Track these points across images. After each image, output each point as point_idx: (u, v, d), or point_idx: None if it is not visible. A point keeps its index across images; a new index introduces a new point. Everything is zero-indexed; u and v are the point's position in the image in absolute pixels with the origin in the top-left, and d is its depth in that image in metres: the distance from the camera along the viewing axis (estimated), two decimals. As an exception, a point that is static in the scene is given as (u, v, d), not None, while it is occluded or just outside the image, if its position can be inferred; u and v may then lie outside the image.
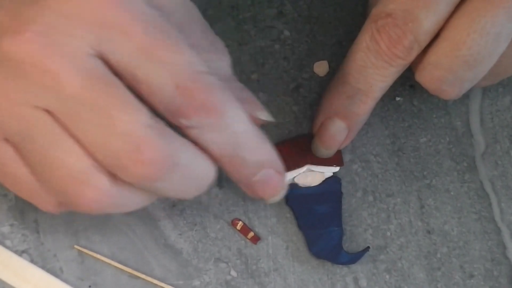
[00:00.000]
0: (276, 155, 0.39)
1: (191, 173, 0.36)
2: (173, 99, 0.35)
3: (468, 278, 0.45)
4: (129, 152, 0.34)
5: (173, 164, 0.35)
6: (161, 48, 0.34)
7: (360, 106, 0.41)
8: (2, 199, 0.44)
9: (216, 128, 0.36)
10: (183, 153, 0.35)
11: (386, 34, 0.38)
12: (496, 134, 0.47)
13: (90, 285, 0.43)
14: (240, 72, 0.47)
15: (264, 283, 0.44)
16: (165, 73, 0.34)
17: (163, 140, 0.34)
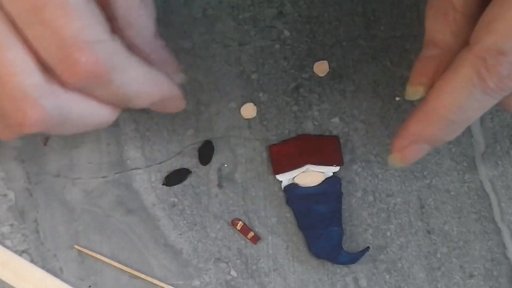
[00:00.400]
0: (168, 87, 0.40)
1: (79, 119, 0.38)
2: (56, 64, 0.36)
3: (468, 278, 0.45)
4: (16, 113, 0.36)
5: (62, 121, 0.37)
6: (49, 11, 0.34)
7: (452, 136, 0.40)
8: (2, 199, 0.44)
9: (104, 89, 0.37)
10: (72, 106, 0.37)
11: (497, 73, 0.37)
12: (496, 134, 0.47)
13: (90, 285, 0.43)
14: (240, 72, 0.47)
15: (264, 283, 0.44)
16: (50, 38, 0.35)
17: (51, 100, 0.36)
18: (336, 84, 0.47)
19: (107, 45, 0.36)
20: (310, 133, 0.46)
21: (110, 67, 0.36)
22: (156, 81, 0.39)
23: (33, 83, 0.36)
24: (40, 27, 0.35)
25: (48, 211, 0.44)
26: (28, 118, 0.36)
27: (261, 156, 0.46)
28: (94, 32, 0.35)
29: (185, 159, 0.45)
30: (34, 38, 0.35)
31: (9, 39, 0.35)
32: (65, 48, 0.35)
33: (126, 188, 0.45)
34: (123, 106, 0.39)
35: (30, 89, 0.36)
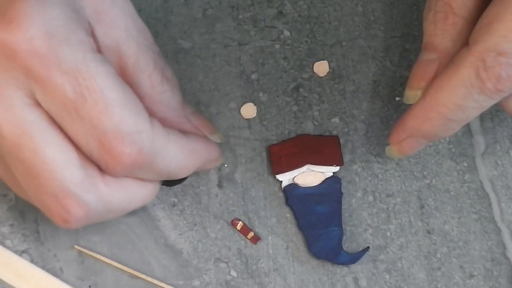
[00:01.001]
0: (207, 152, 0.41)
1: (122, 206, 0.39)
2: (100, 157, 0.36)
3: (468, 278, 0.45)
4: (58, 210, 0.36)
5: (104, 212, 0.38)
6: (88, 108, 0.35)
7: (450, 133, 0.40)
8: (2, 199, 0.44)
9: (147, 173, 0.38)
10: (113, 196, 0.38)
11: (496, 75, 0.37)
12: (496, 134, 0.47)
13: (90, 285, 0.43)
14: (240, 72, 0.47)
15: (264, 283, 0.44)
16: (91, 133, 0.35)
17: (92, 196, 0.37)
18: (336, 84, 0.47)
19: (148, 133, 0.36)
20: (310, 133, 0.46)
21: (153, 153, 0.37)
22: (195, 152, 0.40)
23: (73, 181, 0.36)
24: (79, 123, 0.35)
25: (48, 211, 0.44)
26: (73, 216, 0.36)
27: (261, 156, 0.46)
28: (134, 122, 0.36)
29: (185, 159, 0.45)
30: (74, 133, 0.35)
31: (49, 136, 0.35)
32: (107, 141, 0.35)
33: (126, 188, 0.45)
34: (166, 179, 0.40)
35: (72, 186, 0.36)
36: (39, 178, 0.35)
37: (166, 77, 0.39)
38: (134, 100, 0.36)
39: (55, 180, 0.35)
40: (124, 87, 0.36)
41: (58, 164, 0.35)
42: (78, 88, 0.34)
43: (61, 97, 0.34)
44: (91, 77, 0.34)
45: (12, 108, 0.34)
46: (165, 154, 0.38)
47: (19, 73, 0.34)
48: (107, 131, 0.35)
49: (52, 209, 0.36)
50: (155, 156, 0.37)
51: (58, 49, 0.34)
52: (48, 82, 0.34)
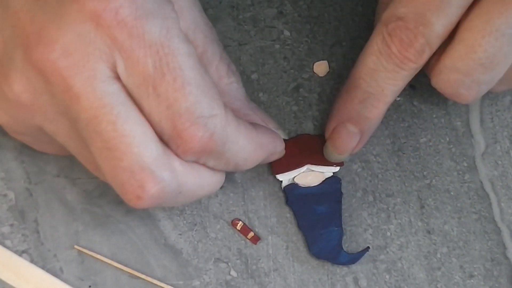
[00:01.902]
0: (273, 145, 0.41)
1: (193, 191, 0.38)
2: (171, 138, 0.36)
3: (468, 278, 0.45)
4: (134, 186, 0.35)
5: (177, 194, 0.37)
6: (165, 84, 0.34)
7: (372, 110, 0.41)
8: (2, 199, 0.44)
9: (216, 161, 0.38)
10: (187, 178, 0.37)
11: (398, 38, 0.38)
12: (496, 134, 0.47)
13: (90, 285, 0.43)
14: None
15: (264, 283, 0.44)
16: (165, 112, 0.35)
17: (168, 174, 0.36)
18: (336, 84, 0.47)
19: (220, 118, 0.36)
20: (310, 133, 0.46)
21: (223, 140, 0.36)
22: (263, 145, 0.40)
23: (151, 156, 0.35)
24: (156, 100, 0.34)
25: (48, 211, 0.44)
26: (147, 192, 0.35)
27: (261, 156, 0.46)
28: (208, 106, 0.35)
29: (185, 159, 0.45)
30: (149, 111, 0.35)
31: (127, 109, 0.35)
32: (180, 122, 0.35)
33: (126, 188, 0.45)
34: (231, 171, 0.40)
35: (149, 161, 0.35)
36: (116, 151, 0.34)
37: (231, 69, 0.40)
38: (211, 85, 0.36)
39: (132, 154, 0.35)
40: (203, 71, 0.35)
41: (136, 138, 0.35)
42: (159, 63, 0.34)
43: (142, 70, 0.34)
44: (173, 53, 0.34)
45: (93, 80, 0.34)
46: (235, 143, 0.37)
47: (103, 44, 0.34)
48: (182, 111, 0.35)
49: (126, 184, 0.35)
50: (225, 144, 0.37)
51: (144, 21, 0.34)
52: (130, 54, 0.34)
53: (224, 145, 0.37)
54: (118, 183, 0.36)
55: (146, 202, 0.36)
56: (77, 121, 0.35)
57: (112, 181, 0.36)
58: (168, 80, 0.34)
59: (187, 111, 0.35)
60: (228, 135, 0.37)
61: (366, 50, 0.40)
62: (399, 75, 0.39)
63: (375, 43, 0.40)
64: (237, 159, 0.38)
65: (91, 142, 0.35)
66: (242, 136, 0.38)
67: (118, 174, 0.35)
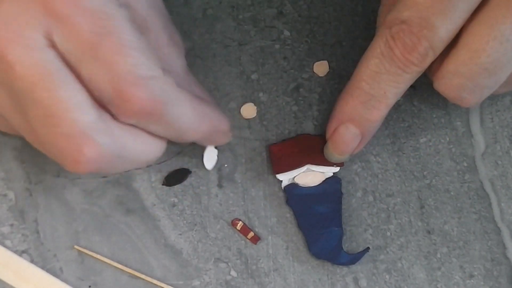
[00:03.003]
0: (217, 120, 0.41)
1: (132, 155, 0.38)
2: (112, 100, 0.36)
3: (468, 278, 0.45)
4: (71, 151, 0.35)
5: (116, 158, 0.37)
6: (104, 48, 0.35)
7: (373, 112, 0.41)
8: (2, 199, 0.44)
9: (157, 124, 0.37)
10: (126, 142, 0.37)
11: (401, 41, 0.38)
12: (496, 134, 0.47)
13: (90, 285, 0.43)
14: (240, 72, 0.47)
15: (264, 283, 0.44)
16: (105, 75, 0.35)
17: (106, 137, 0.36)
18: (336, 84, 0.47)
19: (160, 80, 0.36)
20: (310, 133, 0.46)
21: (163, 102, 0.36)
22: (206, 115, 0.39)
23: (88, 120, 0.35)
24: (95, 64, 0.35)
25: (48, 211, 0.44)
26: (84, 156, 0.36)
27: (261, 156, 0.46)
28: (148, 68, 0.35)
29: (185, 159, 0.45)
30: (89, 75, 0.35)
31: (63, 76, 0.35)
32: (120, 84, 0.35)
33: (126, 188, 0.45)
34: (173, 140, 0.40)
35: (85, 126, 0.35)
36: (53, 117, 0.35)
37: (173, 40, 0.39)
38: (149, 48, 0.36)
39: (69, 120, 0.35)
40: (140, 35, 0.36)
41: (73, 104, 0.35)
42: (96, 27, 0.34)
43: (79, 36, 0.34)
44: (110, 17, 0.34)
45: (29, 48, 0.34)
46: (176, 106, 0.37)
47: (38, 12, 0.34)
48: (121, 73, 0.35)
49: (64, 150, 0.35)
50: (166, 106, 0.37)
51: None
52: (67, 21, 0.34)
53: (165, 108, 0.37)
54: (56, 150, 0.36)
55: (84, 166, 0.36)
56: (13, 91, 0.35)
57: (51, 148, 0.36)
58: (107, 44, 0.34)
59: (127, 72, 0.35)
60: (168, 97, 0.36)
61: (369, 53, 0.40)
62: (401, 78, 0.39)
63: (378, 46, 0.39)
64: (179, 125, 0.38)
65: (28, 110, 0.35)
66: (183, 102, 0.38)
67: (56, 140, 0.35)
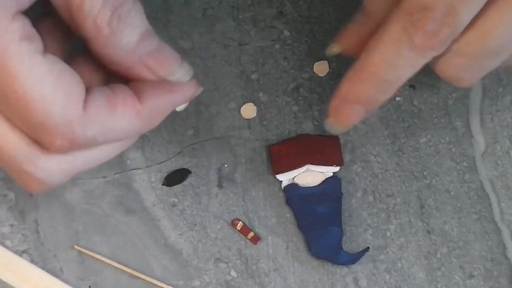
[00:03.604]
0: (177, 100, 0.39)
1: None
2: (38, 141, 0.36)
3: (468, 278, 0.45)
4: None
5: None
6: (12, 110, 0.34)
7: (385, 95, 0.40)
8: (2, 199, 0.44)
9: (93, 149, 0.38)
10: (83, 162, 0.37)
11: (422, 29, 0.37)
12: (496, 134, 0.47)
13: (90, 285, 0.43)
14: (240, 72, 0.47)
15: (264, 283, 0.44)
16: (23, 123, 0.35)
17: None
18: (336, 84, 0.47)
19: (78, 123, 0.35)
20: (310, 133, 0.46)
21: (91, 138, 0.36)
22: (156, 109, 0.38)
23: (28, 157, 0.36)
24: (12, 112, 0.35)
25: (48, 211, 0.44)
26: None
27: (261, 156, 0.46)
28: (60, 115, 0.34)
29: (185, 159, 0.45)
30: (11, 119, 0.35)
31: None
32: (37, 133, 0.35)
33: (126, 188, 0.45)
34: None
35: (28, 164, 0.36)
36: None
37: (117, 15, 0.36)
38: (64, 86, 0.34)
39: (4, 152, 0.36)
40: (52, 72, 0.34)
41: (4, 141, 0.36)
42: (0, 86, 0.33)
43: None
44: (11, 74, 0.33)
45: None
46: (111, 131, 0.36)
47: None
48: (34, 125, 0.34)
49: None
50: (96, 138, 0.36)
51: None
52: None
53: (96, 139, 0.36)
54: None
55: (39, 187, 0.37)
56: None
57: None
58: (13, 101, 0.34)
59: (39, 125, 0.34)
60: (93, 132, 0.36)
61: (384, 37, 0.38)
62: (419, 62, 0.38)
63: (396, 32, 0.37)
64: (125, 136, 0.37)
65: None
66: (121, 120, 0.36)
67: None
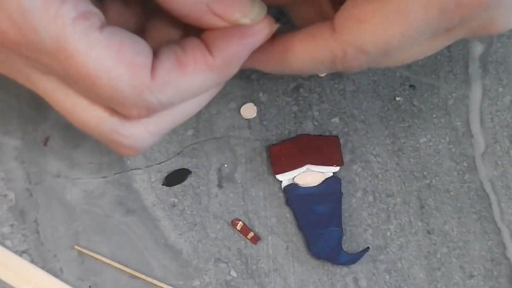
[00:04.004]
0: (252, 43, 0.37)
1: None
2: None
3: (468, 278, 0.45)
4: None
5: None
6: (83, 88, 0.34)
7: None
8: (2, 199, 0.44)
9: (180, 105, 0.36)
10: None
11: (351, 67, 0.36)
12: (496, 134, 0.47)
13: (90, 286, 0.43)
14: (240, 72, 0.47)
15: (264, 283, 0.44)
16: (97, 101, 0.35)
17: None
18: (336, 84, 0.47)
19: (149, 90, 0.34)
20: (310, 133, 0.46)
21: (167, 101, 0.35)
22: (231, 59, 0.36)
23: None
24: (84, 90, 0.35)
25: (48, 211, 0.44)
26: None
27: (261, 156, 0.46)
28: (129, 86, 0.34)
29: (185, 159, 0.45)
30: (87, 96, 0.35)
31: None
32: (113, 106, 0.35)
33: (126, 188, 0.45)
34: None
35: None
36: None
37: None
38: (126, 57, 0.34)
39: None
40: (112, 45, 0.33)
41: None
42: (63, 68, 0.33)
43: (57, 75, 0.34)
44: (71, 55, 0.33)
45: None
46: (186, 91, 0.35)
47: (14, 54, 0.34)
48: (107, 100, 0.34)
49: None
50: (172, 101, 0.35)
51: (30, 35, 0.32)
52: (42, 63, 0.33)
53: (173, 101, 0.35)
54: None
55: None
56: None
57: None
58: (80, 80, 0.34)
59: (111, 99, 0.34)
60: (169, 95, 0.35)
61: (308, 56, 0.37)
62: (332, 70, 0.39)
63: (322, 58, 0.36)
64: (202, 90, 0.36)
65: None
66: (193, 81, 0.35)
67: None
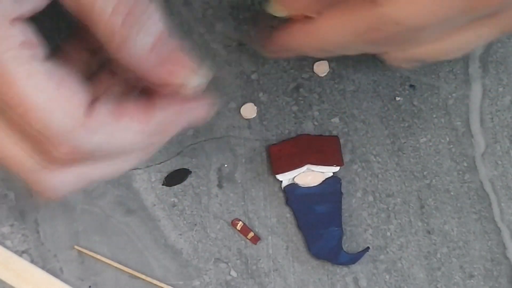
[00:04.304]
0: (187, 118, 0.37)
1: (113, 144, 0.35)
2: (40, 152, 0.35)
3: (468, 278, 0.45)
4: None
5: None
6: (11, 113, 0.33)
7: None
8: (2, 199, 0.44)
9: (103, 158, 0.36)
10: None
11: (382, 36, 0.36)
12: (496, 134, 0.47)
13: (90, 286, 0.43)
14: (240, 72, 0.47)
15: (264, 283, 0.44)
16: (24, 132, 0.34)
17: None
18: (336, 84, 0.47)
19: (81, 130, 0.33)
20: (310, 133, 0.46)
21: (92, 146, 0.34)
22: (164, 124, 0.36)
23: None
24: (12, 120, 0.33)
25: (48, 211, 0.44)
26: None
27: (261, 156, 0.46)
28: (62, 123, 0.33)
29: (185, 159, 0.45)
30: (13, 128, 0.34)
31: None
32: (38, 141, 0.34)
33: (126, 188, 0.45)
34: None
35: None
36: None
37: (130, 20, 0.33)
38: (64, 93, 0.33)
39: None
40: (52, 78, 0.33)
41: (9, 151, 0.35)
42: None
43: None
44: (8, 80, 0.32)
45: None
46: (115, 141, 0.34)
47: None
48: (36, 133, 0.33)
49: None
50: (100, 147, 0.34)
51: None
52: None
53: (99, 148, 0.34)
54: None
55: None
56: None
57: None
58: (12, 109, 0.33)
59: (40, 133, 0.33)
60: (96, 140, 0.34)
61: (346, 26, 0.37)
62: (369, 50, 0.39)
63: (358, 29, 0.37)
64: (125, 149, 0.35)
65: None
66: (124, 131, 0.34)
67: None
